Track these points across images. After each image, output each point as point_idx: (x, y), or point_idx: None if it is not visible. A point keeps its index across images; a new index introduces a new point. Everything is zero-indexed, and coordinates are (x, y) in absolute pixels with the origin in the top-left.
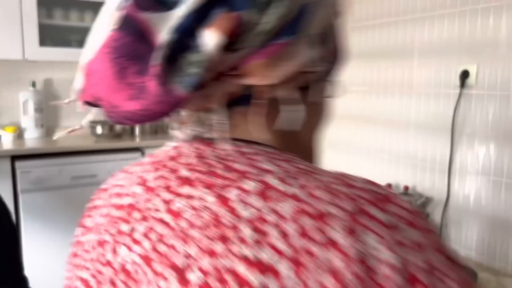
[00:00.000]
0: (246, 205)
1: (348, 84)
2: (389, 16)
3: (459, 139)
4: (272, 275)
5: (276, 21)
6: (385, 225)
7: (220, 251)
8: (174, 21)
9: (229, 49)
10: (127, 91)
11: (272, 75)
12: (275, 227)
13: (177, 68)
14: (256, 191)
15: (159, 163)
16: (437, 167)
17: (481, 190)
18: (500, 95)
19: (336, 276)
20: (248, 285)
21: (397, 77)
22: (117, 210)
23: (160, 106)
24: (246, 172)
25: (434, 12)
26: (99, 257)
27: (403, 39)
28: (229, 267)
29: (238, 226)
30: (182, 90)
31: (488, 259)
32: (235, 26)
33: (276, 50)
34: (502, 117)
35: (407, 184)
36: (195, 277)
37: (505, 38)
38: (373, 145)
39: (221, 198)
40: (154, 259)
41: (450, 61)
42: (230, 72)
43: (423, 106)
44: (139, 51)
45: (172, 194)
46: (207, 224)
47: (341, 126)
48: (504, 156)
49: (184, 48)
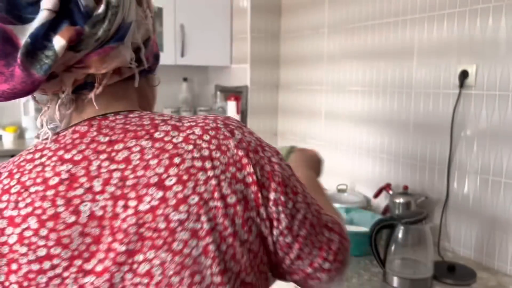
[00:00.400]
0: (171, 137)
1: (347, 84)
2: (389, 16)
3: (458, 139)
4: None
5: (104, 33)
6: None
7: (178, 161)
8: (31, 30)
9: (75, 50)
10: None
11: (104, 67)
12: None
13: (36, 60)
14: (167, 128)
15: (69, 145)
16: (436, 166)
17: (480, 190)
18: (499, 95)
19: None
20: (204, 170)
21: (397, 77)
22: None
23: (24, 85)
24: (147, 124)
25: (433, 13)
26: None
27: (403, 39)
28: (189, 166)
29: (179, 146)
30: (39, 74)
31: (487, 258)
32: (75, 35)
33: (107, 51)
34: (501, 117)
35: (406, 184)
36: (170, 182)
37: (504, 38)
38: (372, 145)
39: (153, 139)
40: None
41: (449, 61)
42: (76, 65)
43: (422, 106)
44: (7, 51)
45: (105, 153)
46: (158, 154)
47: (341, 126)
48: (503, 156)
49: (42, 47)
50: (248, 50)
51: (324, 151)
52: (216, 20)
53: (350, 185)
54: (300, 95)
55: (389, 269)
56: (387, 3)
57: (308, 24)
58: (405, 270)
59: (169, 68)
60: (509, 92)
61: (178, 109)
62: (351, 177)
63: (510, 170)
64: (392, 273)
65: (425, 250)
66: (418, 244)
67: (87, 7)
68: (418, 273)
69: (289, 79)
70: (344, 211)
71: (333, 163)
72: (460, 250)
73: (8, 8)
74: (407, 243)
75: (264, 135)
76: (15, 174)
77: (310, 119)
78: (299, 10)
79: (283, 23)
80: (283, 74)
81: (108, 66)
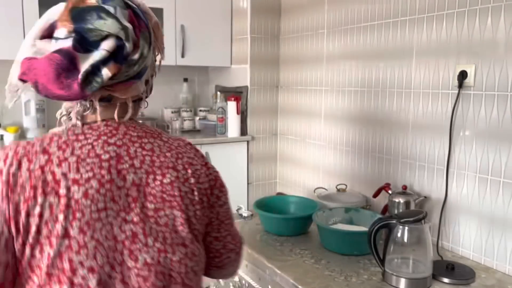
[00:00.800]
0: (172, 141)
1: (347, 84)
2: (388, 17)
3: (457, 138)
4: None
5: (133, 72)
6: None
7: (181, 156)
8: (91, 61)
9: (112, 79)
10: (59, 85)
11: (125, 94)
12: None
13: (90, 82)
14: (163, 139)
15: (106, 135)
16: (435, 166)
17: (479, 189)
18: (498, 95)
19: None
20: (195, 164)
21: (396, 77)
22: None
23: (76, 96)
24: (152, 131)
25: (432, 13)
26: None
27: (402, 40)
28: (187, 160)
29: (178, 147)
30: (89, 92)
31: (486, 258)
32: (117, 70)
33: (130, 84)
34: (500, 117)
35: (405, 184)
36: (179, 167)
37: (503, 38)
38: (372, 145)
39: (163, 140)
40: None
41: (448, 61)
42: (108, 88)
43: (421, 106)
44: (69, 68)
45: (137, 143)
46: (169, 150)
47: (340, 125)
48: (502, 155)
49: (95, 75)
50: (248, 51)
51: (323, 151)
52: (216, 21)
53: (350, 184)
54: (300, 95)
55: (388, 269)
56: (386, 4)
57: (307, 25)
58: (404, 270)
59: (169, 68)
60: (508, 92)
61: (178, 109)
62: (351, 177)
63: (509, 169)
64: (391, 273)
65: (424, 249)
66: (417, 244)
67: (127, 53)
68: (417, 273)
69: (288, 80)
70: (343, 211)
71: (332, 163)
72: (459, 250)
73: (79, 41)
74: (406, 242)
75: (264, 135)
76: (67, 148)
77: (310, 119)
78: (298, 11)
79: (283, 24)
80: (283, 74)
81: (129, 94)
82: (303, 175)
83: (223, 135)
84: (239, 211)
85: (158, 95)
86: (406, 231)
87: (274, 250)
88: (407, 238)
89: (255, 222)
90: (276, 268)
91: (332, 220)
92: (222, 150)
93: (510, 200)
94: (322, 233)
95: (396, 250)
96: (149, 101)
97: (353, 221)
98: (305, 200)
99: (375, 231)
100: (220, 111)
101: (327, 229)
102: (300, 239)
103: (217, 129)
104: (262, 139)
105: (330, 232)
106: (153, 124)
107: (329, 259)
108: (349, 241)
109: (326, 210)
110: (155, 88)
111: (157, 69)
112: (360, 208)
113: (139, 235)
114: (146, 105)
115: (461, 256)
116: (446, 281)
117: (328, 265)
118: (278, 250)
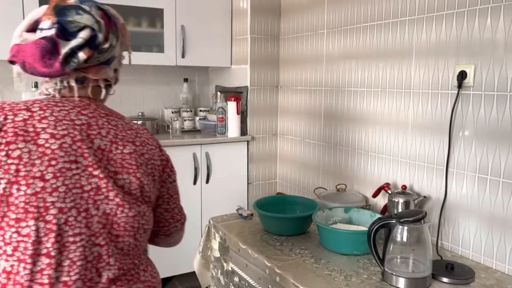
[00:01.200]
0: (132, 124)
1: (346, 85)
2: (387, 17)
3: (456, 138)
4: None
5: (103, 58)
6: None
7: (139, 135)
8: (70, 46)
9: (86, 62)
10: (44, 63)
11: (97, 76)
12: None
13: (68, 62)
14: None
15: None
16: (435, 166)
17: (478, 189)
18: (497, 95)
19: None
20: (150, 144)
21: (396, 77)
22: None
23: (56, 73)
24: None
25: (431, 14)
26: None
27: (401, 40)
28: (143, 140)
29: (137, 129)
30: (68, 69)
31: (486, 258)
32: (90, 54)
33: (100, 68)
34: (499, 117)
35: (405, 183)
36: (138, 143)
37: (502, 39)
38: (371, 145)
39: (125, 122)
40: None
41: (447, 62)
42: (82, 70)
43: (421, 107)
44: (52, 51)
45: (105, 118)
46: (130, 128)
47: (339, 126)
48: (501, 155)
49: (73, 57)
50: (248, 51)
51: (323, 151)
52: (217, 21)
53: (349, 184)
54: (300, 95)
55: (388, 268)
56: (385, 4)
57: (307, 25)
58: (403, 269)
59: (170, 68)
60: (507, 92)
61: (179, 109)
62: (350, 177)
63: (508, 169)
64: (391, 272)
65: (423, 249)
66: (416, 243)
67: (99, 42)
68: (417, 272)
69: (288, 80)
70: (343, 211)
71: (332, 163)
72: (458, 249)
73: (61, 30)
74: (405, 242)
75: (264, 135)
76: (47, 109)
77: (310, 119)
78: (298, 11)
79: (283, 24)
80: (283, 74)
81: (99, 76)
82: (303, 175)
83: (223, 135)
84: (239, 211)
85: (158, 95)
86: (406, 231)
87: (274, 250)
88: (407, 238)
89: (255, 222)
90: (276, 268)
91: (332, 220)
92: (222, 150)
93: (509, 199)
94: (322, 232)
95: (396, 249)
96: (149, 101)
97: (353, 221)
98: (305, 200)
99: (375, 231)
100: (220, 111)
101: (327, 229)
102: (300, 239)
103: (217, 129)
104: (262, 139)
105: (330, 232)
106: (153, 124)
107: (328, 258)
108: (349, 240)
109: (326, 210)
110: (156, 88)
111: (129, 63)
112: (360, 208)
113: (102, 188)
114: (113, 92)
115: (461, 255)
116: (445, 281)
117: (327, 265)
118: (278, 249)
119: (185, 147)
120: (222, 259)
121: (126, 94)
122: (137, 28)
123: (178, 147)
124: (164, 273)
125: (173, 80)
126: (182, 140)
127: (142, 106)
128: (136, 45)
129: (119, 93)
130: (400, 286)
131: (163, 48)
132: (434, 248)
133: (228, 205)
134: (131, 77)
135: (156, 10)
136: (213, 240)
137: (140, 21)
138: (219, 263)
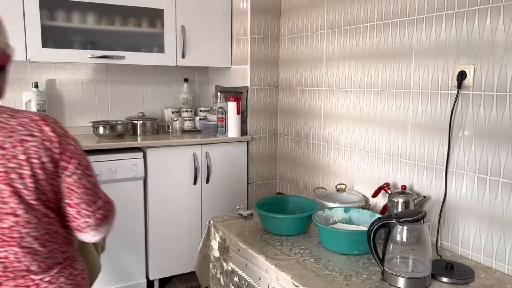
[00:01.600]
0: (16, 119)
1: (346, 85)
2: (387, 17)
3: (456, 138)
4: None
5: None
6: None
7: (12, 135)
8: None
9: None
10: None
11: None
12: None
13: None
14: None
15: None
16: (434, 166)
17: (478, 189)
18: (497, 95)
19: None
20: (28, 141)
21: (395, 78)
22: None
23: None
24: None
25: (431, 14)
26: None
27: (401, 40)
28: (20, 138)
29: (13, 127)
30: None
31: (486, 257)
32: None
33: None
34: (498, 117)
35: (405, 183)
36: (7, 146)
37: (502, 39)
38: (371, 145)
39: (4, 118)
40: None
41: (447, 62)
42: None
43: (421, 107)
44: None
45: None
46: (1, 128)
47: (339, 126)
48: (501, 155)
49: None
50: (248, 51)
51: (323, 151)
52: (217, 21)
53: (349, 184)
54: (300, 95)
55: (387, 268)
56: (385, 4)
57: (307, 25)
58: (403, 269)
59: (170, 69)
60: (507, 92)
61: (179, 110)
62: (350, 177)
63: (508, 169)
64: (391, 272)
65: (423, 249)
66: (416, 243)
67: None
68: (417, 272)
69: (288, 80)
70: (343, 210)
71: (331, 163)
72: (458, 249)
73: None
74: (405, 242)
75: (264, 135)
76: None
77: (309, 119)
78: (298, 11)
79: (283, 24)
80: (283, 74)
81: None
82: (303, 175)
83: (223, 135)
84: (239, 210)
85: (158, 95)
86: (406, 230)
87: (274, 249)
88: (407, 238)
89: (255, 222)
90: (276, 268)
91: (332, 220)
92: (222, 150)
93: (509, 199)
94: (322, 232)
95: (396, 249)
96: (149, 101)
97: (353, 220)
98: (305, 200)
99: (375, 231)
100: (220, 111)
101: (327, 228)
102: (300, 239)
103: (217, 129)
104: (262, 139)
105: (330, 231)
106: (153, 124)
107: (328, 258)
108: (349, 240)
109: (326, 210)
110: (156, 88)
111: (9, 60)
112: (360, 208)
113: None
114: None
115: (460, 255)
116: (445, 281)
117: (327, 265)
118: (278, 249)
119: (185, 147)
120: (222, 259)
121: (126, 94)
122: (137, 28)
123: (178, 147)
124: (164, 273)
125: (173, 80)
126: (182, 140)
127: (142, 106)
128: (136, 45)
129: (119, 93)
130: (400, 286)
131: (163, 48)
132: (433, 248)
133: (228, 205)
134: (131, 77)
135: (156, 10)
136: (213, 240)
137: (140, 21)
138: (219, 263)
